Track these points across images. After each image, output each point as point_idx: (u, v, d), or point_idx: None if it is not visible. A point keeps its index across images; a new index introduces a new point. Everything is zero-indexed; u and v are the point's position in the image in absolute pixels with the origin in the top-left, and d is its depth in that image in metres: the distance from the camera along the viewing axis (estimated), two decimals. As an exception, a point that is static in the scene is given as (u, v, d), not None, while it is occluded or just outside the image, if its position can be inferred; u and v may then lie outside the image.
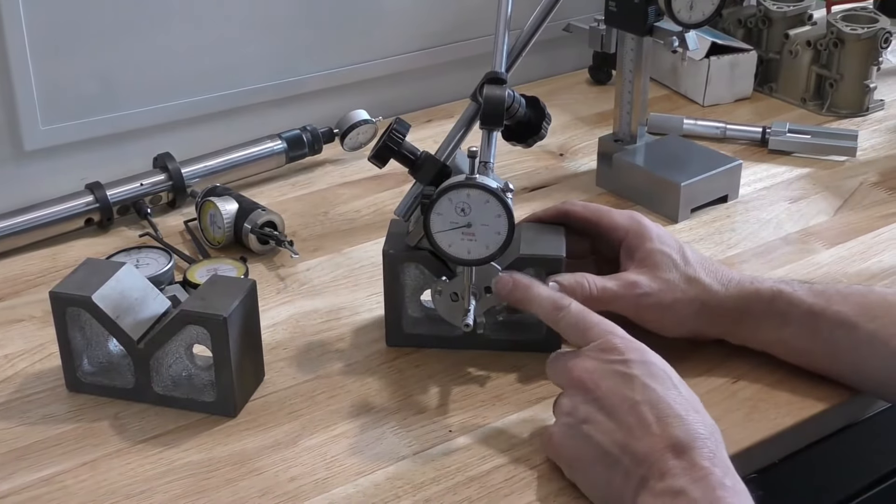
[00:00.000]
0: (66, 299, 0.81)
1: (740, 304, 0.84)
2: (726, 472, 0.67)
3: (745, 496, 0.66)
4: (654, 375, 0.72)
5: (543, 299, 0.80)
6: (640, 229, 0.88)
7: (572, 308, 0.78)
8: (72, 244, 1.07)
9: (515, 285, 0.81)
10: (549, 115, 0.89)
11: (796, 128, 1.24)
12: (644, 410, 0.70)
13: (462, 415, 0.82)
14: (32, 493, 0.75)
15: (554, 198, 1.14)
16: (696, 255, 0.87)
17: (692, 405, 0.71)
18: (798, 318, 0.83)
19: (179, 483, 0.75)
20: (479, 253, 0.80)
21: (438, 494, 0.74)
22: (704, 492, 0.65)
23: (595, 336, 0.75)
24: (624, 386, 0.72)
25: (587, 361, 0.74)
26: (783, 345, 0.84)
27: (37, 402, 0.84)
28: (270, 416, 0.82)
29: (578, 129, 1.30)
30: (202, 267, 0.97)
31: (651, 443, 0.69)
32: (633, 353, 0.74)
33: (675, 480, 0.66)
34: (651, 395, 0.71)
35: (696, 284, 0.85)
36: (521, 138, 0.89)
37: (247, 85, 1.22)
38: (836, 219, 1.10)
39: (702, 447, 0.68)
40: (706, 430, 0.69)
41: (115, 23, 1.11)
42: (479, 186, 0.78)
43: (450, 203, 0.79)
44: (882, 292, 0.85)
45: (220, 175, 1.14)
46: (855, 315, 0.81)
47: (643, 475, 0.68)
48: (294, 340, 0.91)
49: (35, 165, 1.10)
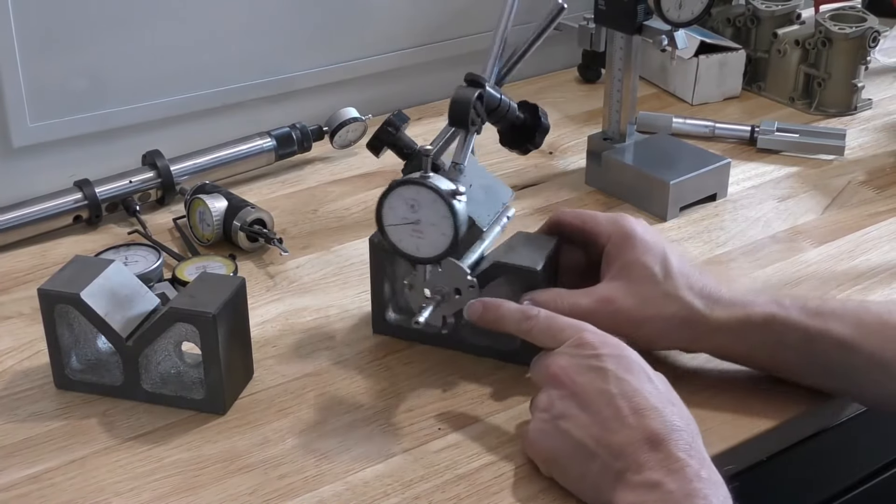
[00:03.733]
0: (55, 296, 0.81)
1: (728, 328, 0.80)
2: (702, 464, 0.67)
3: (721, 487, 0.66)
4: (628, 369, 0.72)
5: (512, 313, 0.79)
6: (622, 236, 0.84)
7: (541, 316, 0.78)
8: (60, 241, 1.06)
9: (485, 307, 0.81)
10: (548, 125, 0.88)
11: (784, 126, 1.24)
12: (619, 403, 0.70)
13: (451, 412, 0.82)
14: (21, 491, 0.75)
15: (543, 196, 1.14)
16: (682, 266, 0.82)
17: (668, 397, 0.72)
18: (794, 343, 0.79)
19: (168, 481, 0.75)
20: (426, 252, 0.79)
21: (427, 492, 0.74)
22: (681, 483, 0.65)
23: (568, 336, 0.76)
24: (598, 380, 0.72)
25: (562, 358, 0.75)
26: (776, 366, 0.82)
27: (25, 400, 0.83)
28: (259, 414, 0.82)
29: (568, 128, 1.30)
30: (191, 264, 0.97)
31: (627, 435, 0.69)
32: (606, 347, 0.74)
33: (651, 473, 0.67)
34: (626, 387, 0.71)
35: (676, 302, 0.80)
36: (515, 144, 0.88)
37: (236, 82, 1.22)
38: (824, 217, 1.10)
39: (678, 439, 0.68)
40: (682, 421, 0.70)
41: (104, 20, 1.11)
42: (427, 186, 0.77)
43: (400, 198, 0.78)
44: (878, 310, 0.81)
45: (209, 172, 1.14)
46: (853, 335, 0.78)
47: (620, 468, 0.68)
48: (283, 338, 0.91)
49: (23, 162, 1.10)
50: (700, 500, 0.65)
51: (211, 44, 1.18)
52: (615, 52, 1.12)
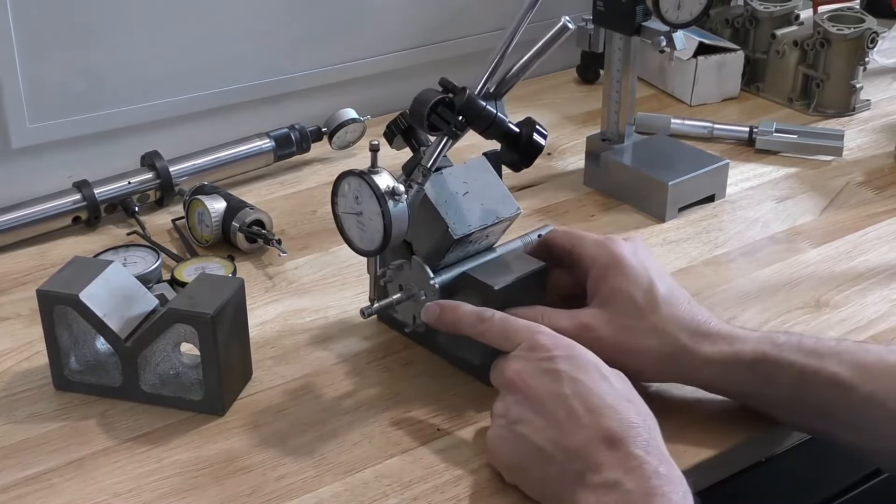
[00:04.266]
0: (54, 297, 0.81)
1: (715, 362, 0.77)
2: (661, 460, 0.67)
3: (681, 483, 0.66)
4: (581, 368, 0.72)
5: (468, 315, 0.79)
6: (607, 261, 0.80)
7: (496, 318, 0.78)
8: (59, 242, 1.06)
9: (442, 309, 0.80)
10: (540, 145, 0.83)
11: (783, 127, 1.24)
12: (573, 404, 0.70)
13: (450, 413, 0.82)
14: (19, 492, 0.74)
15: (542, 197, 1.14)
16: (669, 295, 0.79)
17: (624, 395, 0.71)
18: (786, 382, 0.76)
19: (167, 481, 0.75)
20: (365, 245, 0.80)
21: (426, 493, 0.74)
22: (639, 482, 0.65)
23: (521, 338, 0.75)
24: (552, 382, 0.72)
25: (516, 362, 0.74)
26: (768, 404, 0.78)
27: (24, 401, 0.83)
28: (258, 415, 0.82)
29: (566, 129, 1.30)
30: (190, 265, 0.97)
31: (583, 436, 0.69)
32: (559, 349, 0.74)
33: (609, 472, 0.66)
34: (580, 388, 0.71)
35: (659, 336, 0.78)
36: (506, 159, 0.87)
37: (235, 83, 1.22)
38: (823, 218, 1.10)
39: (635, 436, 0.68)
40: (639, 418, 0.69)
41: (102, 20, 1.11)
42: (366, 180, 0.77)
43: (349, 188, 0.79)
44: (878, 350, 0.77)
45: (208, 173, 1.14)
46: (850, 376, 0.74)
47: (578, 469, 0.68)
48: (282, 339, 0.91)
49: (22, 163, 1.10)
50: (659, 497, 0.64)
51: (209, 45, 1.18)
52: (614, 52, 1.12)
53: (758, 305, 0.95)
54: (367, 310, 0.83)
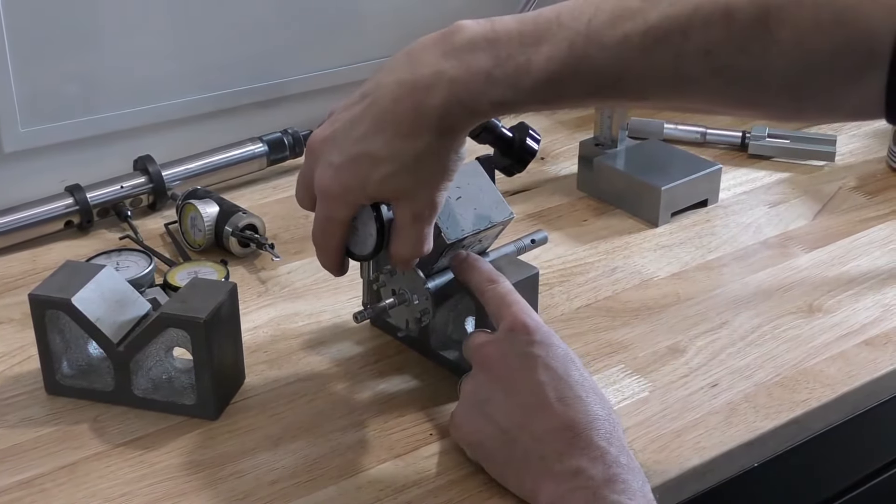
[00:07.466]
0: (46, 302, 0.81)
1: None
2: (621, 451, 0.69)
3: (639, 472, 0.68)
4: (556, 357, 0.73)
5: (482, 271, 0.80)
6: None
7: (502, 284, 0.79)
8: (51, 246, 1.06)
9: (469, 257, 0.82)
10: (533, 149, 0.83)
11: (776, 132, 1.25)
12: (545, 391, 0.71)
13: (442, 418, 0.82)
14: (11, 497, 0.74)
15: (535, 201, 1.14)
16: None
17: (592, 388, 0.73)
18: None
19: (160, 486, 0.75)
20: (358, 249, 0.80)
21: (419, 497, 0.74)
22: (600, 469, 0.67)
23: (509, 315, 0.76)
24: (526, 367, 0.73)
25: (494, 342, 0.75)
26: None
27: (15, 405, 0.83)
28: (251, 419, 0.82)
29: (559, 133, 1.30)
30: (183, 270, 0.97)
31: (550, 423, 0.70)
32: (538, 334, 0.74)
33: (573, 460, 0.68)
34: (552, 375, 0.72)
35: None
36: (499, 164, 0.86)
37: (228, 87, 1.22)
38: (815, 223, 1.11)
39: (599, 428, 0.69)
40: (604, 411, 0.71)
41: (95, 25, 1.11)
42: None
43: None
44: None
45: (200, 178, 1.14)
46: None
47: (542, 454, 0.70)
48: (275, 343, 0.91)
49: (14, 167, 1.10)
50: (620, 483, 0.66)
51: (202, 49, 1.18)
52: (607, 57, 1.12)
53: (750, 310, 0.95)
54: (360, 314, 0.83)
